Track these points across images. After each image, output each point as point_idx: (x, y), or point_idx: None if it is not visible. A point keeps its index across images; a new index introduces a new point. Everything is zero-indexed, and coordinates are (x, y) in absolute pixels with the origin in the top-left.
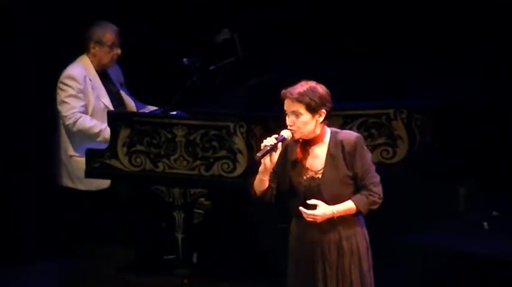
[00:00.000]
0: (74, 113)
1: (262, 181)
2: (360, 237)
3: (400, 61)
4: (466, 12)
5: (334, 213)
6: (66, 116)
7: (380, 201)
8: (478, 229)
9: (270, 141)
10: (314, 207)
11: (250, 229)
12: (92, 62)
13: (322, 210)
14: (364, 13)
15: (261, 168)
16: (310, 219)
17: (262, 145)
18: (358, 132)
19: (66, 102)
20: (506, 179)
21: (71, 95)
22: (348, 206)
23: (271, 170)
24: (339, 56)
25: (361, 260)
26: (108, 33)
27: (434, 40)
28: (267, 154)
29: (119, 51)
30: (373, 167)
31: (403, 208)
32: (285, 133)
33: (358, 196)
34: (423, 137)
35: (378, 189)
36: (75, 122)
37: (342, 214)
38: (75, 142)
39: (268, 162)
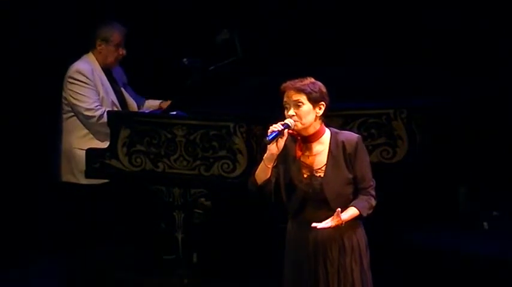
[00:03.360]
0: (97, 106)
1: (266, 169)
2: (359, 234)
3: (401, 61)
4: (466, 12)
5: (342, 222)
6: (90, 109)
7: (375, 204)
8: (478, 229)
9: (277, 126)
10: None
11: (250, 229)
12: (96, 59)
13: (334, 220)
14: (364, 12)
15: (266, 155)
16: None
17: (270, 129)
18: (358, 133)
19: (84, 95)
20: (506, 179)
21: (87, 88)
22: (353, 213)
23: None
24: (339, 55)
25: (361, 257)
26: (115, 33)
27: (435, 40)
28: (275, 138)
29: (123, 51)
30: (370, 170)
31: (403, 208)
32: (289, 121)
33: (358, 201)
34: (423, 137)
35: (374, 193)
36: (101, 115)
37: (348, 221)
38: (84, 137)
39: (275, 148)
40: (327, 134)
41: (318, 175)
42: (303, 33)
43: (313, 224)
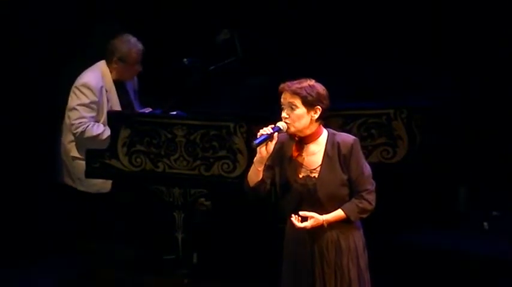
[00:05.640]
0: (81, 122)
1: (257, 172)
2: (356, 235)
3: (401, 60)
4: (465, 12)
5: (324, 222)
6: (73, 124)
7: (371, 208)
8: (478, 229)
9: (266, 130)
10: (306, 217)
11: (250, 229)
12: (110, 72)
13: (312, 222)
14: (365, 12)
15: (256, 157)
16: (301, 228)
17: (259, 133)
18: (358, 133)
19: (76, 109)
20: (506, 179)
21: (83, 104)
22: (338, 215)
23: (266, 166)
24: (340, 55)
25: (358, 258)
26: (133, 52)
27: (434, 40)
28: (263, 142)
29: (140, 68)
30: (369, 173)
31: (402, 208)
32: (281, 124)
33: (348, 204)
34: (423, 137)
35: (371, 197)
36: (83, 131)
37: (331, 222)
38: (80, 145)
39: (264, 151)
40: (324, 135)
41: (312, 175)
42: (303, 33)
43: (293, 220)
